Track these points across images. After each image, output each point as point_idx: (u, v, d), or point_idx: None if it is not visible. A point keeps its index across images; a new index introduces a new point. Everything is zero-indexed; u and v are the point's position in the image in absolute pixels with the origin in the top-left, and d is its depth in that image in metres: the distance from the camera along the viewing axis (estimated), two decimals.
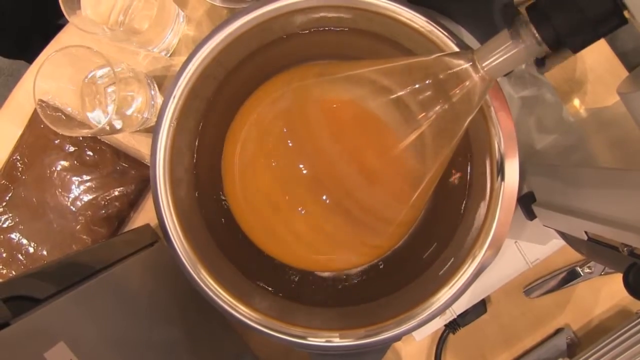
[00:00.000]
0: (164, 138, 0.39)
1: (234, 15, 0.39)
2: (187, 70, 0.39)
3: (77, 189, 0.53)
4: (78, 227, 0.53)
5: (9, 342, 0.27)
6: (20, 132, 0.53)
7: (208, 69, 0.39)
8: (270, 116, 0.37)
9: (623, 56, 0.54)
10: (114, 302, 0.38)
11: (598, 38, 0.25)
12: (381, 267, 0.45)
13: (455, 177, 0.43)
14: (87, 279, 0.36)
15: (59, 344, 0.29)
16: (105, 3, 0.47)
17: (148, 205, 0.55)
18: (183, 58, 0.40)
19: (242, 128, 0.38)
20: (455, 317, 0.53)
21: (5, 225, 0.53)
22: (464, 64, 0.29)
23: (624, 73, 0.54)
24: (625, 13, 0.23)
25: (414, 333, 0.53)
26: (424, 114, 0.31)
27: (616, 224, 0.33)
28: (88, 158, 0.53)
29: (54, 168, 0.53)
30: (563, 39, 0.25)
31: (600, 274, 0.54)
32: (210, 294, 0.39)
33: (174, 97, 0.39)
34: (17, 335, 0.27)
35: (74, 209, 0.53)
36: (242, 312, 0.39)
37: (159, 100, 0.51)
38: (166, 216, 0.39)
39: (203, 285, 0.39)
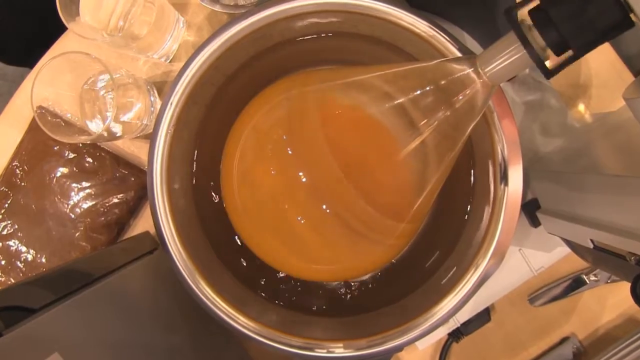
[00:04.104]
0: (161, 145, 0.38)
1: (231, 21, 0.38)
2: (184, 77, 0.38)
3: (77, 196, 0.52)
4: (77, 234, 0.53)
5: (1, 354, 0.26)
6: (19, 138, 0.53)
7: (206, 75, 0.39)
8: (270, 123, 0.36)
9: (628, 60, 0.54)
10: (111, 311, 0.37)
11: (604, 41, 0.24)
12: (383, 276, 0.44)
13: (457, 186, 0.42)
14: (84, 288, 0.36)
15: (53, 355, 0.29)
16: (104, 9, 0.47)
17: (148, 212, 0.55)
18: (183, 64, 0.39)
19: (241, 135, 0.38)
20: (459, 325, 0.52)
21: (4, 233, 0.52)
22: (466, 70, 0.28)
23: (629, 77, 0.53)
24: (632, 16, 0.23)
25: (416, 342, 0.53)
26: (425, 120, 0.30)
27: (623, 232, 0.33)
28: (87, 165, 0.53)
29: (53, 175, 0.52)
30: (568, 43, 0.24)
31: (607, 282, 0.53)
32: (209, 304, 0.38)
33: (171, 104, 0.38)
34: (9, 347, 0.27)
35: (73, 216, 0.52)
36: (241, 322, 0.39)
37: (159, 106, 0.50)
38: (164, 225, 0.38)
39: (201, 295, 0.38)
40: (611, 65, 0.53)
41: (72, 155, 0.52)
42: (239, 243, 0.42)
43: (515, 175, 0.38)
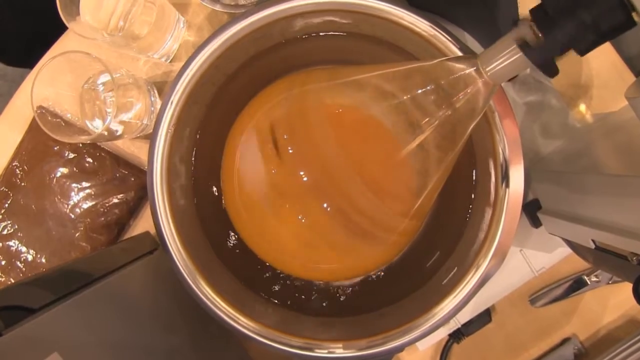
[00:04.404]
0: (161, 145, 0.38)
1: (232, 20, 0.38)
2: (184, 76, 0.38)
3: (77, 196, 0.52)
4: (77, 234, 0.52)
5: (1, 353, 0.26)
6: (19, 138, 0.53)
7: (206, 74, 0.39)
8: (270, 122, 0.36)
9: (629, 61, 0.54)
10: (111, 311, 0.37)
11: (605, 41, 0.24)
12: (383, 276, 0.44)
13: (458, 186, 0.42)
14: (84, 288, 0.36)
15: (53, 355, 0.29)
16: (104, 9, 0.47)
17: (148, 212, 0.54)
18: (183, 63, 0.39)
19: (241, 134, 0.38)
20: (460, 326, 0.52)
21: (4, 233, 0.52)
22: (467, 69, 0.28)
23: (630, 78, 0.53)
24: (634, 15, 0.22)
25: (417, 343, 0.52)
26: (426, 119, 0.30)
27: (625, 232, 0.32)
28: (87, 165, 0.53)
29: (53, 175, 0.52)
30: (569, 43, 0.24)
31: (608, 283, 0.53)
32: (209, 304, 0.38)
33: (172, 103, 0.38)
34: (8, 347, 0.27)
35: (73, 216, 0.52)
36: (242, 323, 0.39)
37: (159, 106, 0.50)
38: (164, 225, 0.38)
39: (201, 296, 0.38)
40: (612, 65, 0.53)
41: (72, 156, 0.52)
42: (240, 243, 0.42)
43: (517, 175, 0.38)
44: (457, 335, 0.53)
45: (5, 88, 1.28)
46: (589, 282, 0.53)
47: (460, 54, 0.38)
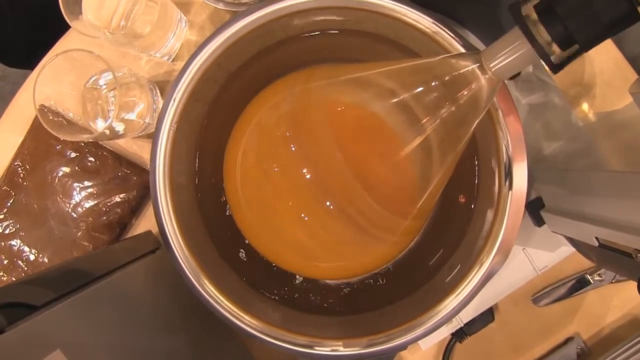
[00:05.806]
0: (164, 142, 0.38)
1: (234, 17, 0.38)
2: (187, 73, 0.38)
3: (79, 195, 0.52)
4: (79, 233, 0.52)
5: (3, 350, 0.26)
6: (21, 138, 0.53)
7: (208, 72, 0.39)
8: (273, 120, 0.36)
9: (632, 61, 0.54)
10: (113, 310, 0.37)
11: (610, 35, 0.24)
12: (386, 274, 0.44)
13: (461, 184, 0.42)
14: (86, 286, 0.36)
15: (55, 352, 0.28)
16: (106, 8, 0.47)
17: (150, 211, 0.54)
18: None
19: (244, 132, 0.38)
20: (462, 325, 0.52)
21: (6, 232, 0.52)
22: (470, 65, 0.28)
23: (633, 76, 0.53)
24: (639, 9, 0.22)
25: (420, 342, 0.52)
26: (429, 117, 0.30)
27: (629, 229, 0.32)
28: (89, 164, 0.53)
29: (55, 174, 0.52)
30: (574, 38, 0.24)
31: (611, 282, 0.53)
32: (213, 303, 0.38)
33: (174, 101, 0.38)
34: (11, 343, 0.27)
35: (75, 216, 0.52)
36: (245, 321, 0.39)
37: (161, 105, 0.50)
38: (166, 223, 0.38)
39: (205, 295, 0.38)
40: (615, 63, 0.53)
41: (74, 155, 0.52)
42: (243, 241, 0.42)
43: (520, 172, 0.37)
44: (459, 335, 0.53)
45: (6, 89, 1.28)
46: (592, 281, 0.53)
47: (463, 50, 0.37)
